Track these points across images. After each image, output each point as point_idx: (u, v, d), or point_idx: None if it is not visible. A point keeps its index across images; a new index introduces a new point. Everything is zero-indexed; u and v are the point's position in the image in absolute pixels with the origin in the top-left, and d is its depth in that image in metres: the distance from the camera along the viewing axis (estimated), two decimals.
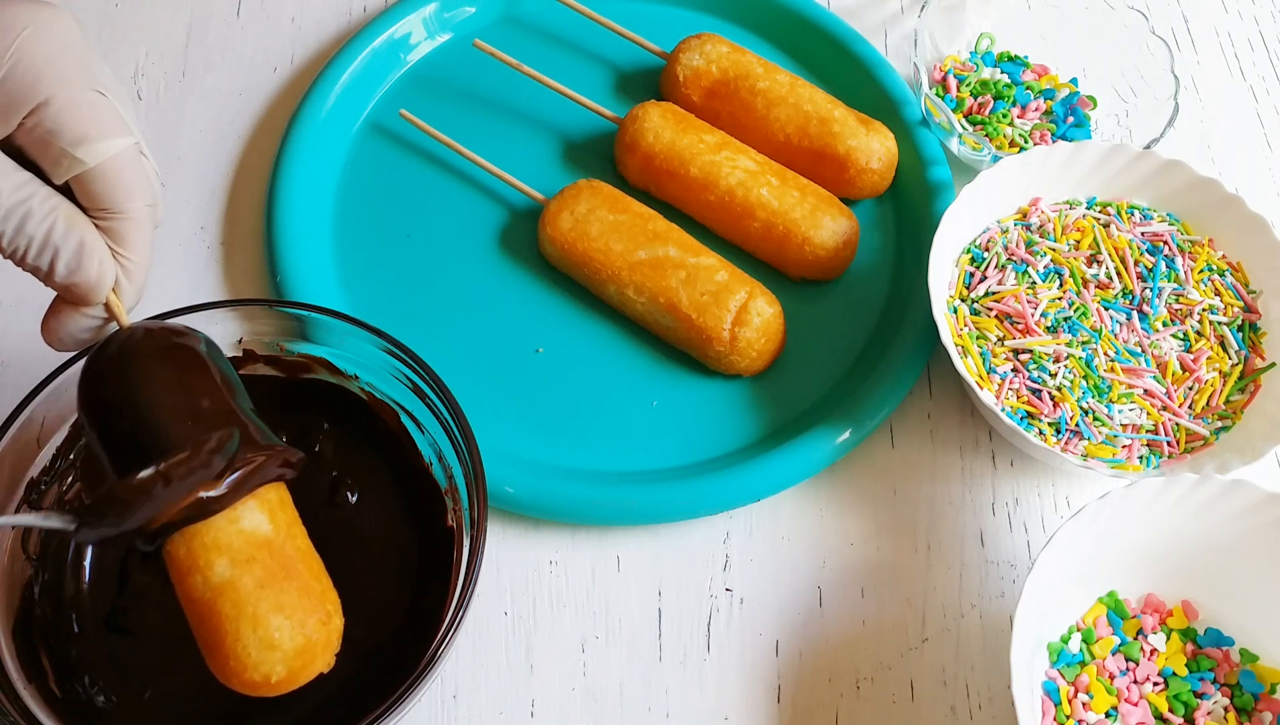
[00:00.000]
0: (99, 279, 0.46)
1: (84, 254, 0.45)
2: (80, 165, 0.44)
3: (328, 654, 0.47)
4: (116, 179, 0.45)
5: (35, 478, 0.54)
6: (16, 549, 0.53)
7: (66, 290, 0.46)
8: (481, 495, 0.52)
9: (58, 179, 0.45)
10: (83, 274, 0.45)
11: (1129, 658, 0.58)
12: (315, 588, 0.47)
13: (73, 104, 0.44)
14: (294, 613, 0.46)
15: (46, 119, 0.44)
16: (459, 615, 0.49)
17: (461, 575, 0.51)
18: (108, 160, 0.45)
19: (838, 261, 0.69)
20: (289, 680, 0.46)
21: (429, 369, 0.55)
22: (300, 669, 0.46)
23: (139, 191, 0.46)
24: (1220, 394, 0.63)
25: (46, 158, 0.45)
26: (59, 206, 0.45)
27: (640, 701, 0.58)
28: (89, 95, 0.45)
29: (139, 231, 0.47)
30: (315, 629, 0.46)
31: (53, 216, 0.44)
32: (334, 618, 0.47)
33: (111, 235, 0.46)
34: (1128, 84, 0.76)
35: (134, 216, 0.46)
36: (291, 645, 0.45)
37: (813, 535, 0.63)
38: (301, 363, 0.58)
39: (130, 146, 0.46)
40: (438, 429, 0.55)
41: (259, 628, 0.45)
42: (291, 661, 0.45)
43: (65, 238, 0.45)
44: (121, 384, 0.46)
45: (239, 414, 0.47)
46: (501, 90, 0.76)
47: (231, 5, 0.81)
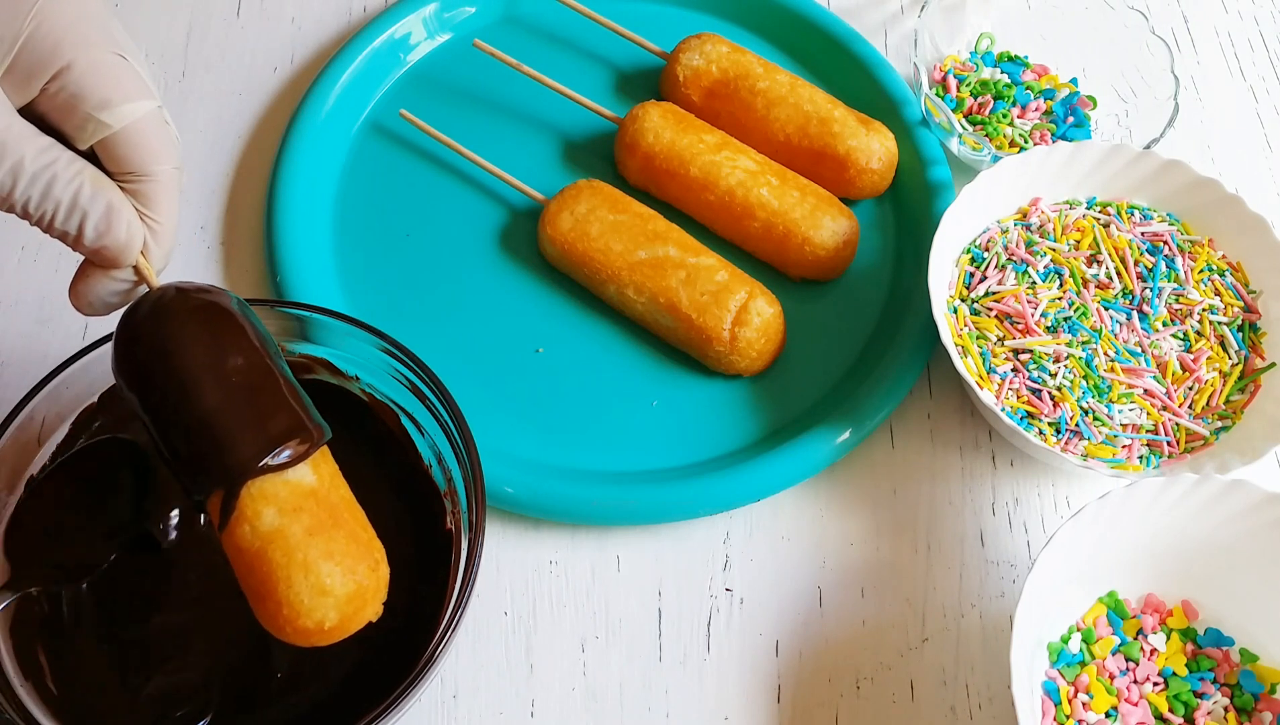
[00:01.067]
0: (128, 241, 0.46)
1: (112, 216, 0.45)
2: (106, 129, 0.44)
3: (376, 602, 0.47)
4: (142, 141, 0.45)
5: (35, 475, 0.54)
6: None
7: (95, 254, 0.46)
8: (480, 498, 0.52)
9: (82, 144, 0.45)
10: (112, 236, 0.45)
11: (1129, 658, 0.58)
12: (362, 535, 0.47)
13: (96, 67, 0.44)
14: (344, 559, 0.45)
15: (70, 83, 0.43)
16: (456, 617, 0.49)
17: (459, 578, 0.51)
18: (132, 123, 0.45)
19: (838, 261, 0.69)
20: (341, 627, 0.46)
21: (428, 370, 0.55)
22: (352, 614, 0.46)
23: (165, 153, 0.46)
24: (1220, 394, 0.63)
25: (71, 122, 0.44)
26: (84, 170, 0.45)
27: (640, 701, 0.58)
28: (111, 58, 0.44)
29: (165, 193, 0.46)
30: (365, 575, 0.46)
31: (79, 180, 0.44)
32: (381, 565, 0.47)
33: (138, 198, 0.46)
34: (1128, 84, 0.76)
35: (160, 179, 0.46)
36: (344, 591, 0.45)
37: (813, 535, 0.63)
38: (302, 363, 0.58)
39: (154, 109, 0.45)
40: (437, 431, 0.55)
41: (310, 574, 0.45)
42: (344, 607, 0.45)
43: (93, 200, 0.44)
44: (156, 343, 0.46)
45: (274, 370, 0.47)
46: (501, 90, 0.76)
47: (231, 5, 0.81)
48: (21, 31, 0.43)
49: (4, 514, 0.52)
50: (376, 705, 0.47)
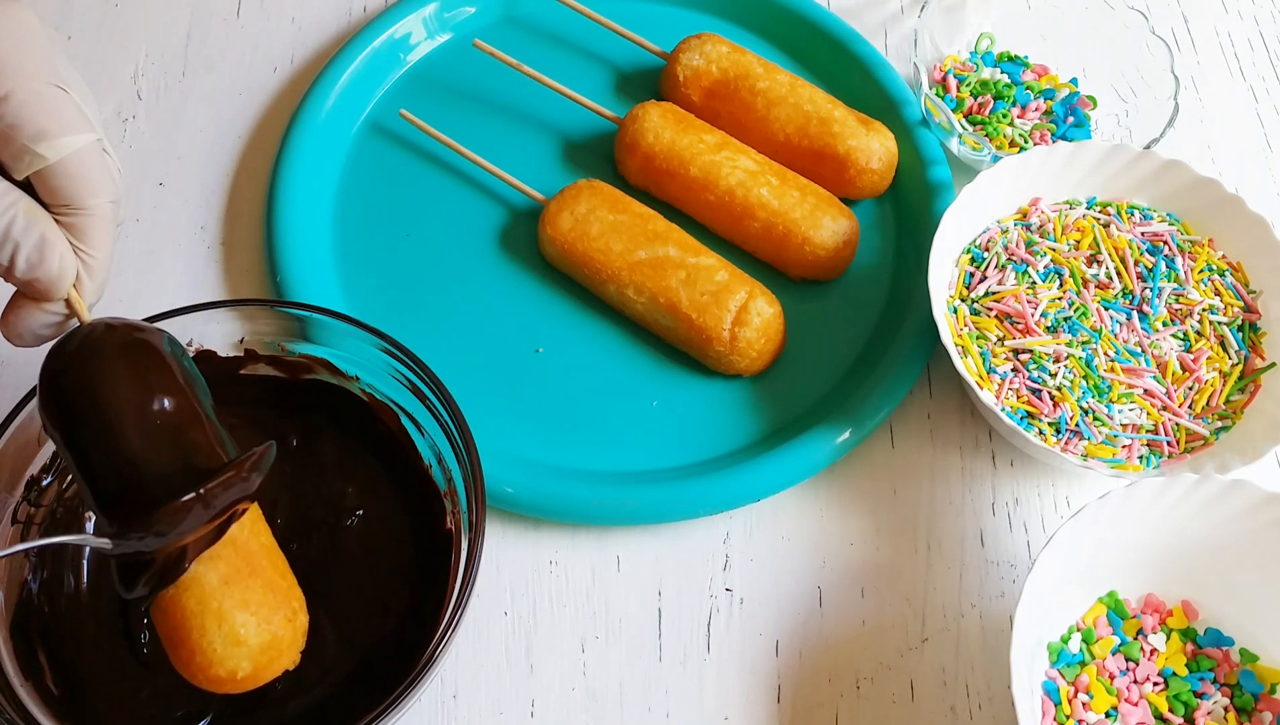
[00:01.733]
0: (60, 274, 0.45)
1: (45, 249, 0.45)
2: (41, 161, 0.44)
3: (293, 651, 0.47)
4: (78, 174, 0.45)
5: (35, 475, 0.54)
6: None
7: (27, 285, 0.46)
8: (480, 498, 0.52)
9: (18, 174, 0.45)
10: (44, 269, 0.45)
11: (1129, 658, 0.58)
12: (280, 584, 0.47)
13: (34, 98, 0.44)
14: (259, 609, 0.46)
15: (7, 113, 0.43)
16: (455, 618, 0.49)
17: (459, 579, 0.51)
18: (70, 156, 0.44)
19: (838, 261, 0.69)
20: (254, 677, 0.46)
21: (429, 370, 0.55)
22: (266, 665, 0.46)
23: (101, 187, 0.46)
24: (1220, 394, 0.63)
25: (7, 152, 0.44)
26: (19, 201, 0.44)
27: (640, 701, 0.58)
28: (50, 90, 0.44)
29: (101, 227, 0.46)
30: (281, 625, 0.46)
31: (12, 211, 0.44)
32: (299, 614, 0.47)
33: (73, 231, 0.46)
34: (1128, 84, 0.76)
35: (96, 212, 0.46)
36: (257, 641, 0.45)
37: (813, 535, 0.63)
38: (303, 363, 0.58)
39: (92, 142, 0.45)
40: (437, 431, 0.55)
41: (224, 624, 0.45)
42: (257, 657, 0.45)
43: (26, 232, 0.44)
44: (82, 380, 0.45)
45: (200, 414, 0.46)
46: (501, 90, 0.76)
47: (231, 5, 0.81)
48: None
49: (4, 513, 0.52)
50: (377, 705, 0.47)
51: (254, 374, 0.59)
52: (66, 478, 0.55)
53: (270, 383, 0.59)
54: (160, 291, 0.69)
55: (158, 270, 0.70)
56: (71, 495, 0.56)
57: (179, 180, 0.73)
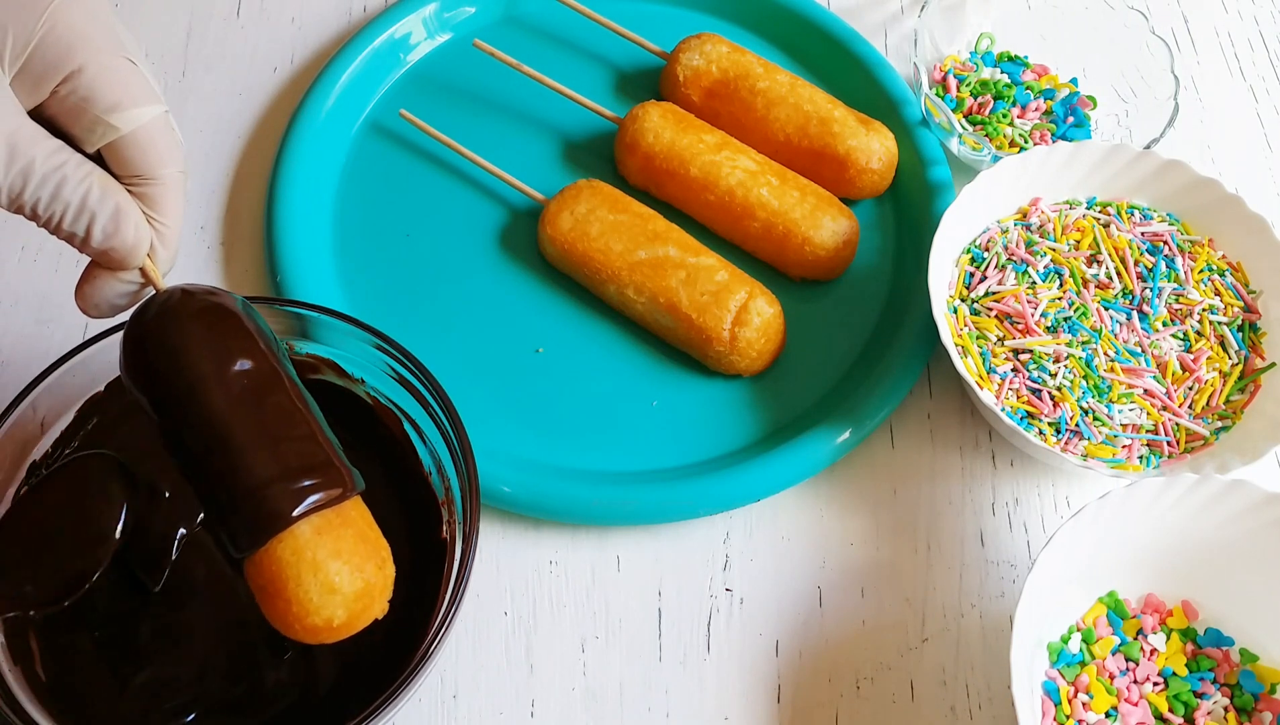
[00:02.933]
0: (136, 242, 0.46)
1: (120, 218, 0.45)
2: (114, 132, 0.45)
3: (383, 599, 0.47)
4: (149, 145, 0.46)
5: (37, 461, 0.54)
6: None
7: (103, 255, 0.46)
8: (475, 509, 0.52)
9: (90, 147, 0.45)
10: (120, 238, 0.46)
11: (1129, 658, 0.58)
12: (370, 534, 0.47)
13: (106, 71, 0.44)
14: (352, 557, 0.46)
15: (80, 86, 0.44)
16: (445, 624, 0.49)
17: (450, 587, 0.51)
18: (140, 127, 0.45)
19: (838, 261, 0.69)
20: (349, 624, 0.46)
21: (430, 376, 0.55)
22: (360, 612, 0.46)
23: (171, 157, 0.46)
24: (1220, 394, 0.63)
25: (80, 125, 0.45)
26: (93, 173, 0.45)
27: (640, 701, 0.58)
28: (121, 63, 0.45)
29: (171, 196, 0.47)
30: (373, 573, 0.46)
31: (88, 182, 0.45)
32: (388, 563, 0.47)
33: (145, 201, 0.46)
34: (1128, 84, 0.76)
35: (166, 182, 0.47)
36: (351, 589, 0.45)
37: (813, 535, 0.63)
38: (310, 363, 0.58)
39: (161, 114, 0.46)
40: (438, 438, 0.55)
41: (319, 572, 0.45)
42: (351, 605, 0.45)
43: (101, 202, 0.45)
44: (164, 345, 0.46)
45: (280, 372, 0.47)
46: (501, 90, 0.76)
47: (231, 5, 0.81)
48: (35, 34, 0.43)
49: (5, 494, 0.53)
50: (366, 707, 0.47)
51: None
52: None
53: None
54: None
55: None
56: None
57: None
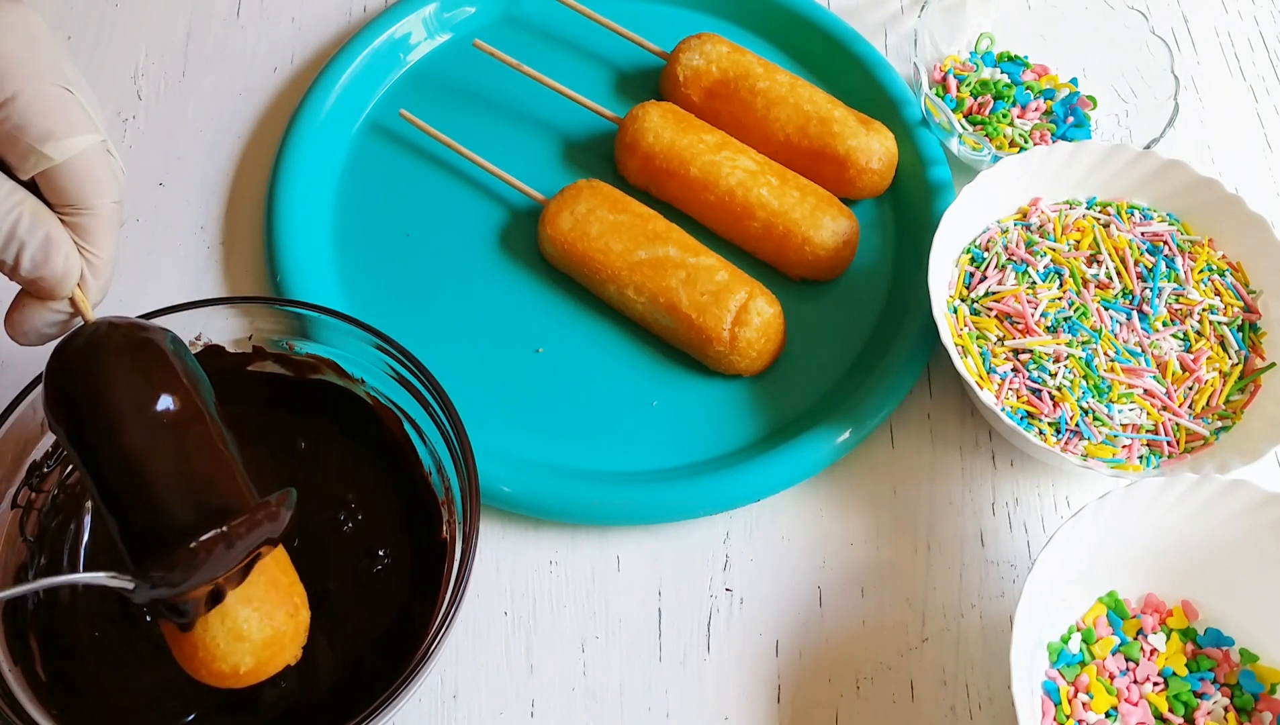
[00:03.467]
0: (65, 273, 0.46)
1: (50, 247, 0.45)
2: (47, 161, 0.44)
3: (295, 646, 0.47)
4: (84, 175, 0.45)
5: (37, 461, 0.54)
6: (14, 531, 0.53)
7: (32, 284, 0.46)
8: (475, 509, 0.52)
9: (24, 175, 0.45)
10: (49, 267, 0.45)
11: (1129, 658, 0.58)
12: (283, 581, 0.48)
13: (40, 99, 0.44)
14: (261, 604, 0.46)
15: (14, 114, 0.44)
16: (443, 629, 0.49)
17: (450, 588, 0.51)
18: (75, 156, 0.45)
19: (838, 261, 0.69)
20: (256, 671, 0.46)
21: (429, 375, 0.55)
22: (268, 660, 0.46)
23: (105, 187, 0.46)
24: (1220, 394, 0.63)
25: (13, 153, 0.44)
26: (25, 201, 0.45)
27: (640, 701, 0.58)
28: (56, 91, 0.44)
29: (105, 227, 0.46)
30: (283, 621, 0.46)
31: (18, 211, 0.44)
32: (301, 610, 0.48)
33: (77, 231, 0.46)
34: (1128, 84, 0.76)
35: (100, 212, 0.46)
36: (260, 637, 0.46)
37: (813, 535, 0.63)
38: (309, 363, 0.58)
39: (97, 143, 0.46)
40: (438, 438, 0.55)
41: (227, 619, 0.45)
42: (260, 653, 0.46)
43: (31, 231, 0.44)
44: (87, 378, 0.45)
45: (203, 411, 0.47)
46: (501, 90, 0.76)
47: (231, 5, 0.81)
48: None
49: (5, 494, 0.53)
50: (365, 708, 0.47)
51: (261, 371, 0.59)
52: (69, 465, 0.55)
53: (277, 381, 0.59)
54: (160, 291, 0.69)
55: (158, 270, 0.70)
56: (73, 482, 0.56)
57: (179, 180, 0.73)
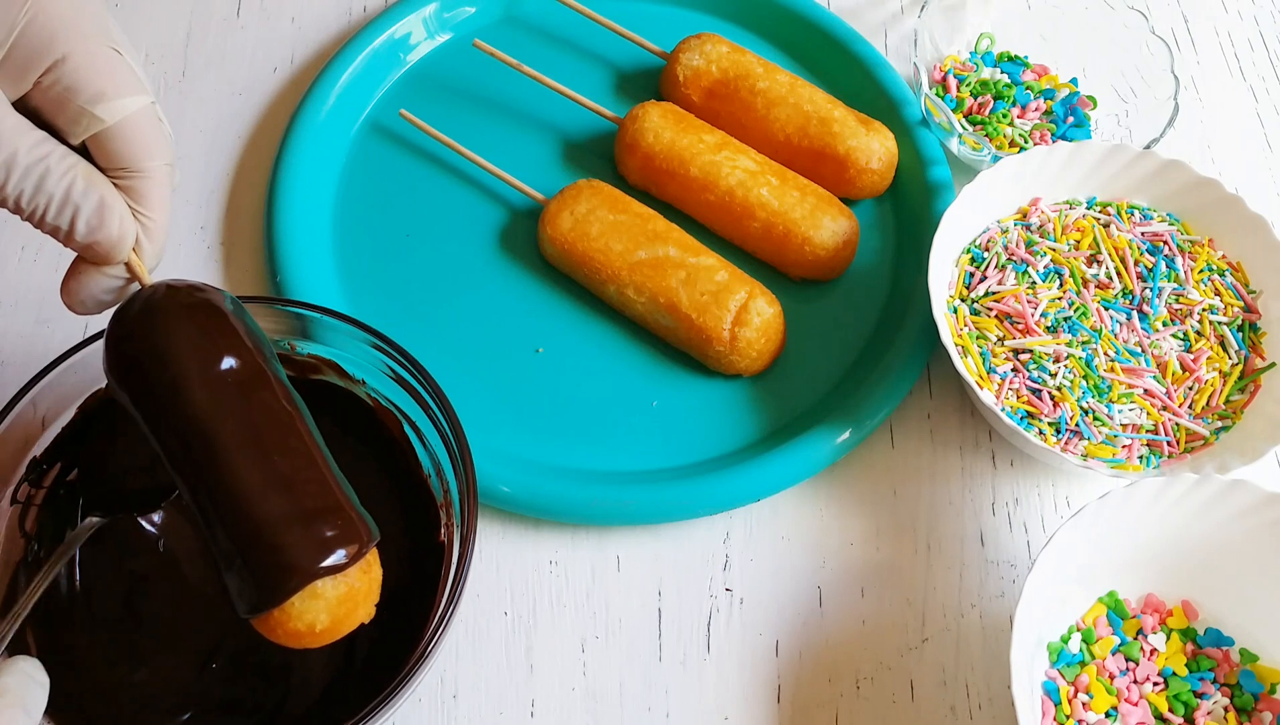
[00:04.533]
0: (120, 236, 0.45)
1: (105, 211, 0.44)
2: (99, 123, 0.44)
3: (368, 603, 0.47)
4: (135, 137, 0.44)
5: (38, 457, 0.54)
6: (13, 525, 0.53)
7: (87, 249, 0.45)
8: (473, 512, 0.51)
9: (75, 138, 0.44)
10: (104, 231, 0.45)
11: (1129, 658, 0.58)
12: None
13: (91, 61, 0.43)
14: None
15: (64, 76, 0.43)
16: (439, 631, 0.49)
17: (446, 592, 0.51)
18: (126, 118, 0.44)
19: (838, 261, 0.69)
20: (332, 629, 0.45)
21: (429, 376, 0.54)
22: (344, 617, 0.45)
23: (158, 149, 0.45)
24: (1220, 394, 0.63)
25: (64, 116, 0.44)
26: (77, 165, 0.44)
27: (640, 701, 0.58)
28: (107, 52, 0.44)
29: (158, 190, 0.46)
30: (358, 578, 0.46)
31: (72, 174, 0.44)
32: (374, 567, 0.47)
33: (131, 194, 0.45)
34: (1128, 84, 0.76)
35: (153, 175, 0.45)
36: (335, 593, 0.45)
37: (813, 535, 0.63)
38: (311, 363, 0.58)
39: (148, 105, 0.45)
40: (438, 441, 0.55)
41: None
42: (335, 609, 0.45)
43: (85, 195, 0.44)
44: (148, 340, 0.45)
45: (266, 372, 0.46)
46: (501, 90, 0.76)
47: (231, 5, 0.81)
48: (17, 23, 0.42)
49: (4, 490, 0.53)
50: (361, 710, 0.47)
51: None
52: (69, 461, 0.55)
53: None
54: None
55: (158, 270, 0.69)
56: (73, 479, 0.56)
57: (179, 180, 0.73)
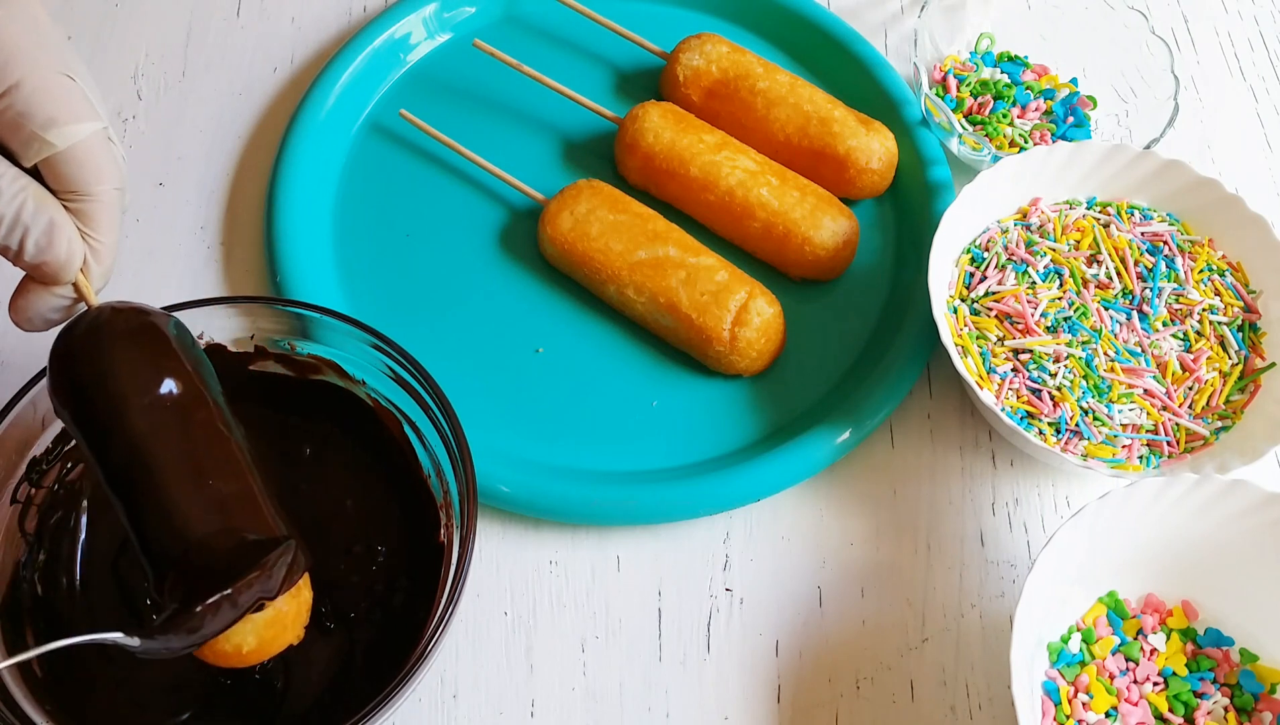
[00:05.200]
0: (68, 258, 0.46)
1: (54, 233, 0.45)
2: (50, 148, 0.45)
3: (297, 626, 0.47)
4: (86, 161, 0.46)
5: (38, 456, 0.54)
6: (13, 525, 0.53)
7: (36, 269, 0.46)
8: (472, 513, 0.52)
9: (27, 161, 0.45)
10: (52, 252, 0.46)
11: (1129, 658, 0.58)
12: None
13: (44, 87, 0.44)
14: None
15: (17, 101, 0.44)
16: (439, 631, 0.49)
17: (446, 591, 0.51)
18: (77, 143, 0.45)
19: (838, 261, 0.69)
20: (260, 651, 0.46)
21: (429, 377, 0.54)
22: (271, 640, 0.46)
23: (108, 174, 0.46)
24: (1220, 394, 0.63)
25: (16, 140, 0.45)
26: (28, 186, 0.45)
27: (640, 701, 0.58)
28: (59, 79, 0.45)
29: (107, 214, 0.47)
30: (284, 601, 0.46)
31: (22, 196, 0.45)
32: (303, 591, 0.48)
33: (80, 217, 0.46)
34: (1128, 84, 0.76)
35: (103, 199, 0.46)
36: (262, 617, 0.46)
37: (813, 535, 0.63)
38: (311, 363, 0.58)
39: (99, 130, 0.46)
40: (438, 442, 0.55)
41: None
42: (262, 632, 0.46)
43: (35, 216, 0.45)
44: (91, 362, 0.46)
45: (206, 396, 0.47)
46: (501, 90, 0.76)
47: (231, 5, 0.81)
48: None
49: (5, 490, 0.53)
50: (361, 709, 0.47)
51: (263, 371, 0.59)
52: (68, 461, 0.56)
53: (279, 381, 0.59)
54: (160, 291, 0.69)
55: (158, 270, 0.70)
56: (73, 478, 0.56)
57: (179, 180, 0.73)
